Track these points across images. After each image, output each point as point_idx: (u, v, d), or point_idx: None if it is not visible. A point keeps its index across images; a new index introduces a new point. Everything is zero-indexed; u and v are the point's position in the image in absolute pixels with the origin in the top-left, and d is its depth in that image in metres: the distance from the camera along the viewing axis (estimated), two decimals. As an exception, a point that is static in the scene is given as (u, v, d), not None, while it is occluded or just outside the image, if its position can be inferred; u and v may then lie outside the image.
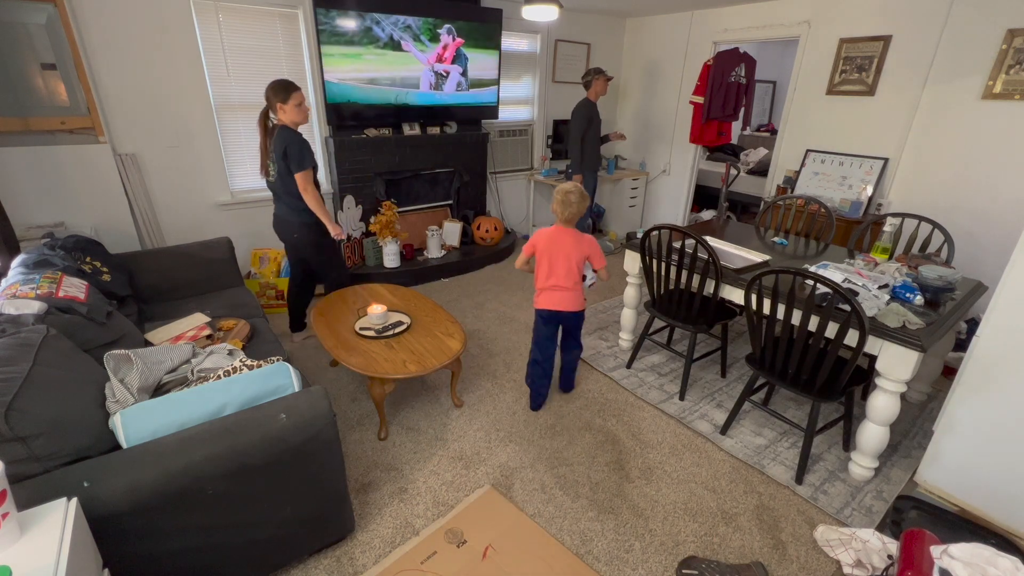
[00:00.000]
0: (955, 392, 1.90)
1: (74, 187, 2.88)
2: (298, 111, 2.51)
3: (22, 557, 0.95)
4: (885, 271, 2.28)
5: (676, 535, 1.86)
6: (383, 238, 3.88)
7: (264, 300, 3.45)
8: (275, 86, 2.48)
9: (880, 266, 2.34)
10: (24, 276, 1.89)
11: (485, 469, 2.14)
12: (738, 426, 2.45)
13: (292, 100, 2.48)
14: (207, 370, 1.72)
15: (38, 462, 1.22)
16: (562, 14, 4.30)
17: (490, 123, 4.69)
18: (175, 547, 1.32)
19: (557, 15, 3.42)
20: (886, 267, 2.32)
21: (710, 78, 4.41)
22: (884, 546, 1.69)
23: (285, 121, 2.52)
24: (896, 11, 3.41)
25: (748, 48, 4.60)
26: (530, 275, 4.28)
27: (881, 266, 2.34)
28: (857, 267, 2.29)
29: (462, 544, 1.77)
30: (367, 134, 3.88)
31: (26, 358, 1.34)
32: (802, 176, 4.01)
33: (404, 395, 2.62)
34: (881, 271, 2.28)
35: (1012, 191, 3.07)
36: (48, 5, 2.61)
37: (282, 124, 2.53)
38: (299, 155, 2.50)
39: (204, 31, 3.14)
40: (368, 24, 3.55)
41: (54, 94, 2.74)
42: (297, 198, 2.61)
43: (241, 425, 1.38)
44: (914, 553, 1.42)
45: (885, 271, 2.28)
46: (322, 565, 1.69)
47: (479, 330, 3.33)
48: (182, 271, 2.75)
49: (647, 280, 2.67)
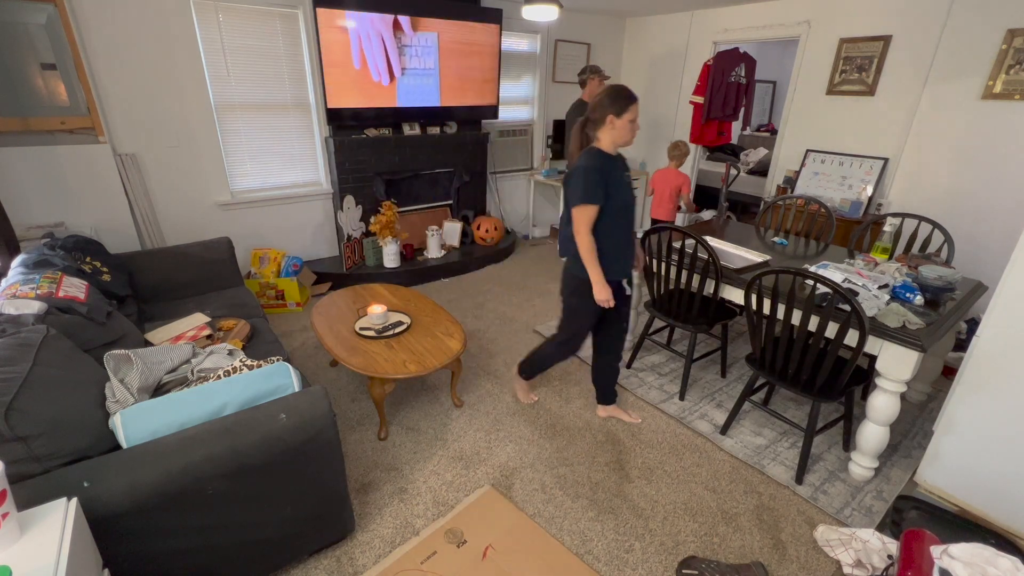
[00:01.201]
0: (955, 392, 1.90)
1: (74, 187, 2.88)
2: (629, 129, 1.95)
3: (22, 557, 0.95)
4: (885, 271, 2.28)
5: (676, 535, 1.86)
6: (383, 238, 3.88)
7: (264, 300, 3.45)
8: (613, 94, 1.92)
9: (880, 266, 2.34)
10: (24, 276, 1.89)
11: (485, 469, 2.14)
12: (738, 426, 2.45)
13: (628, 114, 1.91)
14: (207, 370, 1.72)
15: (38, 462, 1.22)
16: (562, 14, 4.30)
17: (490, 123, 4.69)
18: (175, 547, 1.32)
19: (557, 15, 3.43)
20: (886, 267, 2.32)
21: (710, 78, 4.41)
22: (884, 546, 1.69)
23: (603, 142, 1.98)
24: (896, 11, 3.41)
25: (748, 48, 4.60)
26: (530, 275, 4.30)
27: (881, 266, 2.34)
28: (857, 267, 2.29)
29: (462, 544, 1.77)
30: (367, 134, 3.88)
31: (26, 358, 1.34)
32: (802, 176, 4.01)
33: (404, 395, 2.62)
34: (881, 271, 2.28)
35: (1012, 191, 3.07)
36: (48, 5, 2.61)
37: (596, 146, 2.00)
38: (583, 184, 1.93)
39: (204, 31, 3.14)
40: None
41: (54, 94, 2.74)
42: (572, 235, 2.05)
43: (241, 425, 1.38)
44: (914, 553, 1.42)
45: (885, 271, 2.28)
46: (322, 565, 1.69)
47: (479, 330, 3.32)
48: (182, 271, 2.74)
49: (647, 280, 2.67)
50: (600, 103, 1.94)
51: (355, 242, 3.95)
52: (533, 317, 3.53)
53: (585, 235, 1.98)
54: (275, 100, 3.53)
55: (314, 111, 3.70)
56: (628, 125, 1.94)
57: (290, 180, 3.80)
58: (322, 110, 3.69)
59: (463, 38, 4.02)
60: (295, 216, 3.88)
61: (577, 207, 1.96)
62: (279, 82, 3.51)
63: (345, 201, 3.85)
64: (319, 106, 3.68)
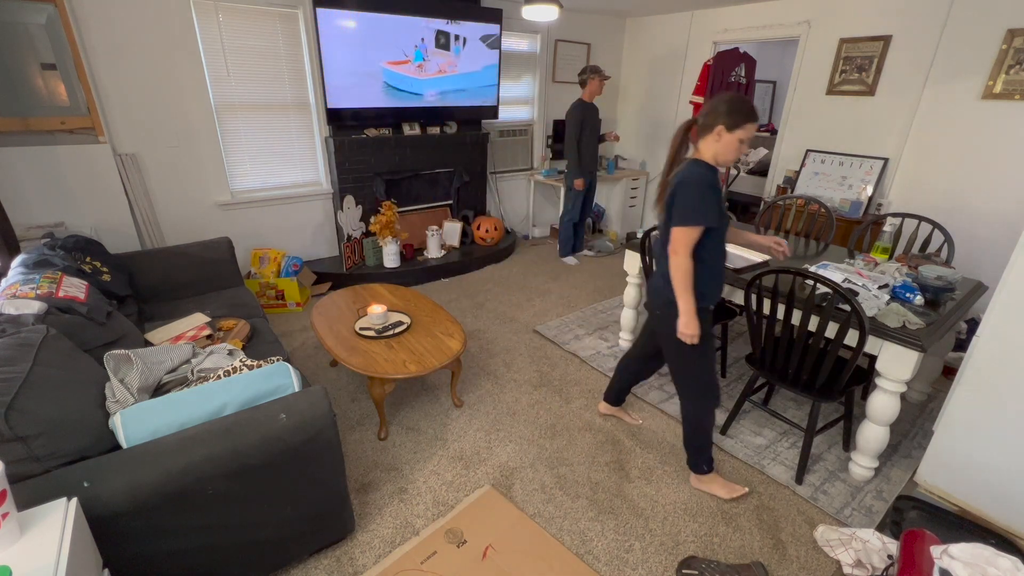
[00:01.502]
0: (955, 392, 1.89)
1: (74, 187, 2.88)
2: (735, 148, 1.73)
3: (22, 557, 0.95)
4: (885, 271, 2.28)
5: (676, 535, 1.86)
6: (383, 238, 3.88)
7: (264, 300, 3.45)
8: (732, 105, 1.69)
9: (880, 266, 2.34)
10: (24, 276, 1.89)
11: (485, 469, 2.14)
12: (738, 426, 2.44)
13: (740, 132, 1.69)
14: (207, 370, 1.72)
15: (38, 462, 1.22)
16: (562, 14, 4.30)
17: (490, 123, 4.69)
18: (175, 547, 1.32)
19: (557, 15, 3.43)
20: (886, 267, 2.32)
21: (710, 78, 4.41)
22: (884, 546, 1.69)
23: (704, 153, 1.78)
24: (896, 11, 3.41)
25: (748, 48, 4.60)
26: (530, 275, 4.31)
27: (881, 266, 2.34)
28: (857, 267, 2.29)
29: (462, 544, 1.77)
30: (367, 134, 3.88)
31: (26, 358, 1.34)
32: (802, 176, 4.01)
33: (404, 395, 2.62)
34: (881, 271, 2.28)
35: (1012, 191, 3.07)
36: (48, 5, 2.61)
37: (696, 156, 1.80)
38: (691, 202, 1.71)
39: (204, 31, 3.14)
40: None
41: (54, 94, 2.74)
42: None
43: (241, 425, 1.38)
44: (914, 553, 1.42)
45: (885, 271, 2.28)
46: (322, 565, 1.69)
47: (479, 330, 3.32)
48: (182, 271, 2.74)
49: (647, 280, 2.66)
50: (715, 109, 1.71)
51: (355, 242, 3.95)
52: (533, 317, 3.53)
53: (685, 258, 1.73)
54: (275, 100, 3.53)
55: (314, 111, 3.70)
56: (736, 144, 1.71)
57: (290, 180, 3.80)
58: (322, 110, 3.69)
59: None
60: (295, 216, 3.88)
61: (684, 227, 1.71)
62: (279, 82, 3.51)
63: (345, 201, 3.85)
64: (319, 106, 3.68)
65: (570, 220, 4.51)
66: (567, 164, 4.32)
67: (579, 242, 4.70)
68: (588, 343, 3.18)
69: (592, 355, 3.04)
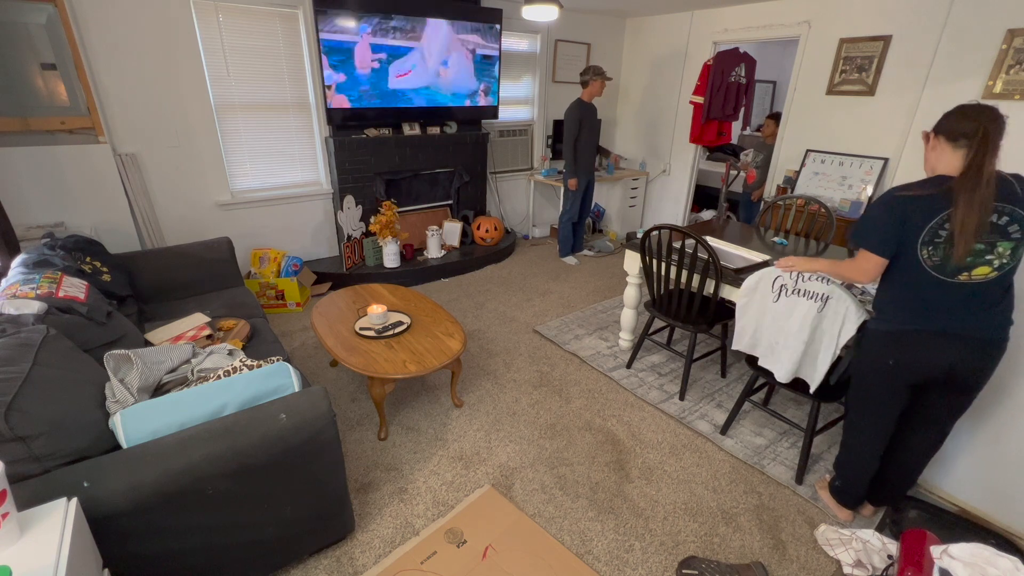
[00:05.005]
0: (955, 392, 1.89)
1: (74, 187, 2.88)
2: (934, 159, 1.57)
3: (22, 557, 0.95)
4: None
5: (676, 535, 1.86)
6: (383, 238, 3.88)
7: (264, 300, 3.45)
8: (959, 114, 1.51)
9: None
10: (24, 276, 1.89)
11: (485, 469, 2.14)
12: (738, 426, 2.45)
13: (954, 145, 1.55)
14: (207, 370, 1.72)
15: (38, 462, 1.22)
16: (562, 14, 4.31)
17: (490, 123, 4.69)
18: (175, 547, 1.32)
19: (557, 15, 3.42)
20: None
21: (710, 78, 4.41)
22: (884, 546, 1.69)
23: (926, 163, 1.59)
24: (896, 11, 3.41)
25: (748, 48, 4.60)
26: (530, 275, 4.31)
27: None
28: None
29: (462, 544, 1.77)
30: (367, 134, 3.88)
31: (26, 358, 1.34)
32: (802, 176, 4.01)
33: (404, 395, 2.62)
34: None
35: (1012, 191, 3.07)
36: (48, 5, 2.61)
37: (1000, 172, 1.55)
38: None
39: (204, 31, 3.14)
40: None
41: (54, 94, 2.74)
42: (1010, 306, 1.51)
43: (241, 425, 1.38)
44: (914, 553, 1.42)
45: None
46: (322, 565, 1.69)
47: (479, 330, 3.32)
48: (182, 271, 2.74)
49: (647, 280, 2.67)
50: (948, 115, 1.53)
51: (355, 242, 3.95)
52: (533, 317, 3.53)
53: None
54: (275, 100, 3.53)
55: (314, 111, 3.70)
56: (943, 156, 1.54)
57: (290, 180, 3.80)
58: (322, 110, 3.69)
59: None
60: (295, 216, 3.88)
61: None
62: (279, 82, 3.51)
63: (345, 201, 3.85)
64: (319, 106, 3.68)
65: (569, 220, 4.51)
66: (564, 164, 4.33)
67: (579, 242, 4.71)
68: (588, 343, 3.18)
69: (592, 355, 3.04)
